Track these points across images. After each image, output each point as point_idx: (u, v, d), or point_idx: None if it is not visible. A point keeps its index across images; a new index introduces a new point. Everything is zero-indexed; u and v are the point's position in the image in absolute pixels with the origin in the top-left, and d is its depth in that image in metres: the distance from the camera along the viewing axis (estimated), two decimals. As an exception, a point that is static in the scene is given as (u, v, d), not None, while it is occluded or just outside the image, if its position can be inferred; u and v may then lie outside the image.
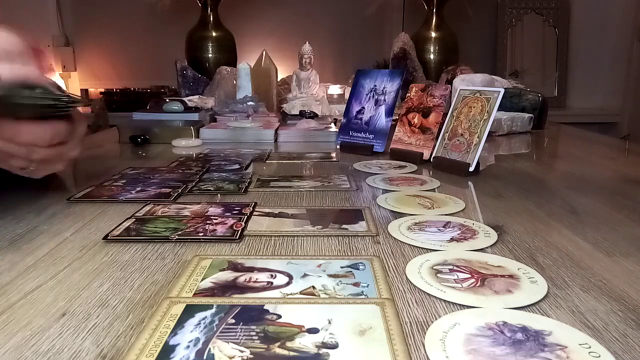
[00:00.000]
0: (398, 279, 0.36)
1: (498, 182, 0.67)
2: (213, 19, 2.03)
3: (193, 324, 0.28)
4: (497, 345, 0.26)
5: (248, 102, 1.27)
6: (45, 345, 0.27)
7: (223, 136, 1.03)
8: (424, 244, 0.42)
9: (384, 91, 0.91)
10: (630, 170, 0.79)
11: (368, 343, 0.27)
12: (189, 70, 1.72)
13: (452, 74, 1.55)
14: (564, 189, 0.65)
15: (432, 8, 2.07)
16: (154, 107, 1.25)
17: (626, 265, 0.38)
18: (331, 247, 0.42)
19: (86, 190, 0.60)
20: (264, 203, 0.56)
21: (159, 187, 0.61)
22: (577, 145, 1.11)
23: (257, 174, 0.70)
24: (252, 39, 2.27)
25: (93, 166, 0.76)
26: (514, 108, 1.21)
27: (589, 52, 2.39)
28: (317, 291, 0.33)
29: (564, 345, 0.27)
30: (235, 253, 0.41)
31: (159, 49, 2.31)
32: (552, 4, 2.37)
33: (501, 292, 0.33)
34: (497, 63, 2.37)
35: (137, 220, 0.48)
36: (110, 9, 2.38)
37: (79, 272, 0.37)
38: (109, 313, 0.31)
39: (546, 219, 0.51)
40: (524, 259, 0.39)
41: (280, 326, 0.28)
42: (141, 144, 0.98)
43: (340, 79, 1.91)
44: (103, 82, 2.43)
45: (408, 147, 0.82)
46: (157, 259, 0.39)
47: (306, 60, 1.34)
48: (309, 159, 0.84)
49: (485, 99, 0.71)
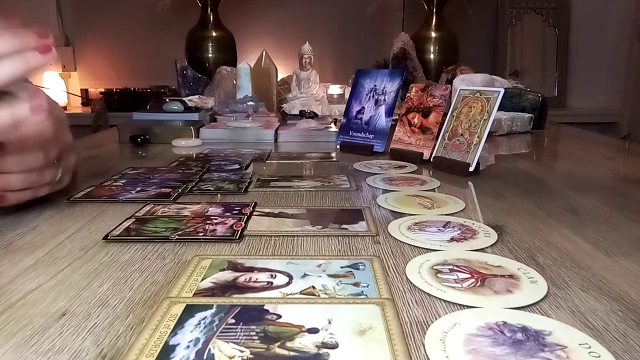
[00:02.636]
0: (398, 279, 0.36)
1: (498, 182, 0.67)
2: (213, 19, 2.04)
3: (193, 324, 0.28)
4: (497, 345, 0.26)
5: (248, 102, 1.27)
6: (45, 345, 0.27)
7: (223, 136, 1.03)
8: (424, 244, 0.42)
9: (384, 91, 0.91)
10: (630, 170, 0.79)
11: (368, 343, 0.27)
12: (189, 70, 1.72)
13: (452, 74, 1.55)
14: (564, 189, 0.65)
15: (432, 8, 2.07)
16: (154, 107, 1.25)
17: (626, 265, 0.38)
18: (331, 247, 0.42)
19: (86, 190, 0.60)
20: (264, 203, 0.56)
21: (159, 187, 0.61)
22: (577, 145, 1.11)
23: (257, 174, 0.70)
24: (252, 39, 2.28)
25: (93, 166, 0.76)
26: (514, 108, 1.21)
27: (589, 52, 2.39)
28: (317, 291, 0.33)
29: (564, 345, 0.27)
30: (235, 253, 0.41)
31: (159, 49, 2.31)
32: (552, 4, 2.37)
33: (501, 292, 0.33)
34: (497, 63, 2.37)
35: (137, 220, 0.48)
36: (110, 9, 2.38)
37: (79, 272, 0.37)
38: (109, 313, 0.31)
39: (546, 219, 0.51)
40: (524, 259, 0.39)
41: (280, 326, 0.28)
42: (141, 144, 0.98)
43: (340, 79, 1.91)
44: (103, 82, 2.43)
45: (408, 147, 0.82)
46: (157, 259, 0.39)
47: (306, 60, 1.34)
48: (309, 159, 0.84)
49: (485, 99, 0.71)
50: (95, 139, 1.23)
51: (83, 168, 0.73)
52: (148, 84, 2.31)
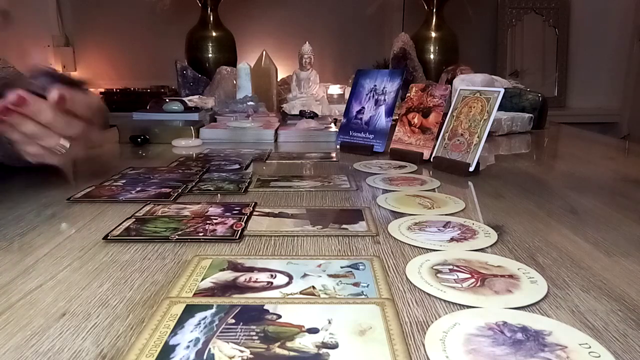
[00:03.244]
0: (398, 279, 0.36)
1: (498, 182, 0.67)
2: (213, 19, 2.03)
3: (193, 324, 0.28)
4: (497, 345, 0.26)
5: (248, 102, 1.27)
6: (45, 345, 0.27)
7: (223, 136, 1.03)
8: (424, 244, 0.42)
9: (384, 91, 0.91)
10: (630, 170, 0.79)
11: (368, 343, 0.27)
12: (189, 70, 1.72)
13: (452, 74, 1.55)
14: (564, 189, 0.65)
15: (432, 8, 2.07)
16: (154, 107, 1.25)
17: (626, 265, 0.38)
18: (331, 247, 0.42)
19: (86, 190, 0.60)
20: (264, 203, 0.56)
21: (159, 187, 0.61)
22: (577, 145, 1.11)
23: (257, 174, 0.70)
24: (252, 39, 2.27)
25: (93, 166, 0.76)
26: (514, 108, 1.21)
27: (589, 52, 2.39)
28: (317, 291, 0.33)
29: (564, 345, 0.27)
30: (235, 253, 0.41)
31: (159, 49, 2.31)
32: (552, 4, 2.37)
33: (501, 292, 0.33)
34: (497, 63, 2.37)
35: (137, 220, 0.48)
36: (110, 9, 2.38)
37: (79, 272, 0.37)
38: (109, 313, 0.31)
39: (546, 219, 0.51)
40: (524, 259, 0.39)
41: (280, 326, 0.28)
42: (141, 144, 0.98)
43: (340, 79, 1.90)
44: (103, 82, 2.43)
45: (408, 147, 0.82)
46: (157, 259, 0.39)
47: (306, 60, 1.34)
48: (309, 159, 0.84)
49: (485, 99, 0.70)
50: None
51: (83, 168, 0.73)
52: (148, 84, 2.31)
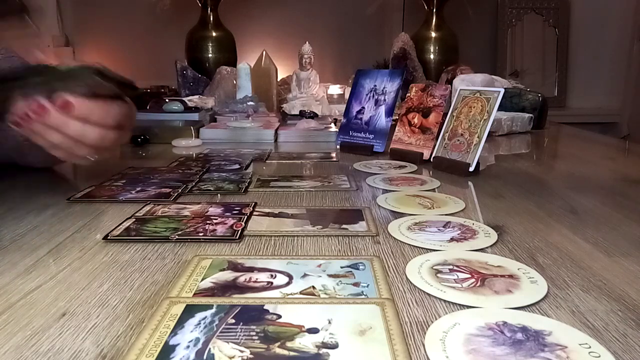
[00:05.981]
0: (398, 279, 0.36)
1: (498, 182, 0.67)
2: (213, 19, 2.03)
3: (193, 324, 0.28)
4: (497, 345, 0.26)
5: (248, 102, 1.27)
6: (45, 345, 0.27)
7: (223, 136, 1.03)
8: (424, 244, 0.42)
9: (384, 91, 0.91)
10: (630, 170, 0.79)
11: (368, 343, 0.27)
12: (189, 70, 1.72)
13: (452, 74, 1.55)
14: (564, 189, 0.65)
15: (432, 8, 2.06)
16: (154, 107, 1.25)
17: (626, 265, 0.38)
18: (331, 247, 0.42)
19: (86, 190, 0.60)
20: (264, 203, 0.56)
21: (159, 187, 0.61)
22: (577, 145, 1.11)
23: (257, 174, 0.70)
24: (252, 39, 2.27)
25: (93, 166, 0.76)
26: (514, 108, 1.21)
27: (589, 52, 2.39)
28: (317, 291, 0.33)
29: (564, 345, 0.27)
30: (235, 253, 0.41)
31: (159, 49, 2.30)
32: (552, 4, 2.37)
33: (501, 292, 0.33)
34: (497, 63, 2.37)
35: (137, 220, 0.48)
36: (110, 9, 2.38)
37: (79, 272, 0.37)
38: (109, 313, 0.31)
39: (546, 219, 0.51)
40: (524, 259, 0.39)
41: (280, 326, 0.28)
42: (141, 144, 0.98)
43: (340, 79, 1.90)
44: (103, 82, 2.43)
45: (408, 147, 0.82)
46: (157, 259, 0.39)
47: (306, 60, 1.34)
48: (309, 159, 0.84)
49: (485, 99, 0.70)
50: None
51: (83, 168, 0.73)
52: (148, 84, 2.31)
